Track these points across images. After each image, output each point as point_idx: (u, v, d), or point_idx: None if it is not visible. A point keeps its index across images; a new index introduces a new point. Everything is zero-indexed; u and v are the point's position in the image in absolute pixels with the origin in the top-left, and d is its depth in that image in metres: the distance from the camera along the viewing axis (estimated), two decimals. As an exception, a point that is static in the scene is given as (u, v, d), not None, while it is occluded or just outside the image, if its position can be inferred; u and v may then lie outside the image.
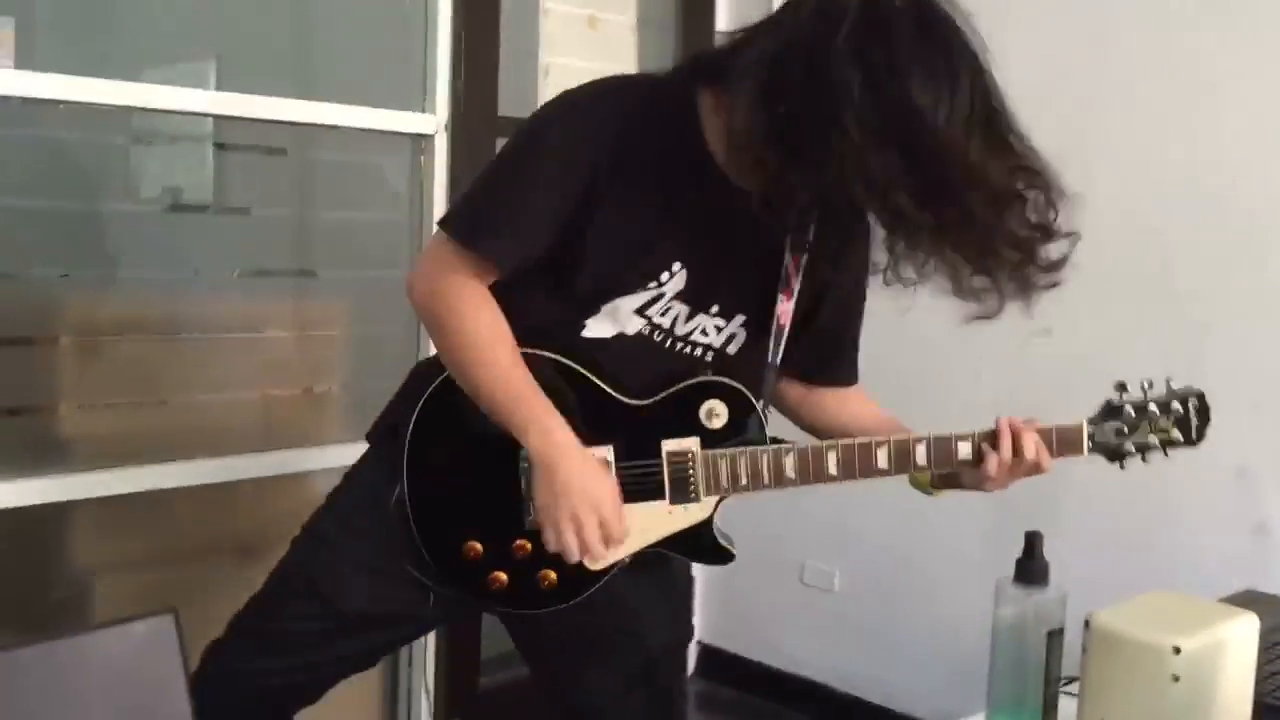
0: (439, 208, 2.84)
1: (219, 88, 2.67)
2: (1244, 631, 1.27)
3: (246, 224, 2.78)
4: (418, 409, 1.66)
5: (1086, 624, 1.28)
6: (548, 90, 3.11)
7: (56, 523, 2.46)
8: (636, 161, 1.56)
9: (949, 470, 1.71)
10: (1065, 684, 1.38)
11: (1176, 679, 1.20)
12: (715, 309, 1.68)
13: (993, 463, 1.65)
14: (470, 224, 1.63)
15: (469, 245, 1.61)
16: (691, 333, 1.68)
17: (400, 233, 2.88)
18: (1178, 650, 1.20)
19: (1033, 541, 1.41)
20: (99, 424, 2.53)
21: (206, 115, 2.68)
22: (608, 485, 1.61)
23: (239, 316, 2.75)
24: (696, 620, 3.64)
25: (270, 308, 2.81)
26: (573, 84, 1.65)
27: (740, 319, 1.70)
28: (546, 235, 1.58)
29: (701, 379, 1.68)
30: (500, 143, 2.96)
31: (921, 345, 3.14)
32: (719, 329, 1.70)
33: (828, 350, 1.83)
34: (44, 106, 2.40)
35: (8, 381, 2.44)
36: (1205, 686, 1.22)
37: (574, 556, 1.59)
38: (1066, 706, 1.35)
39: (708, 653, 3.66)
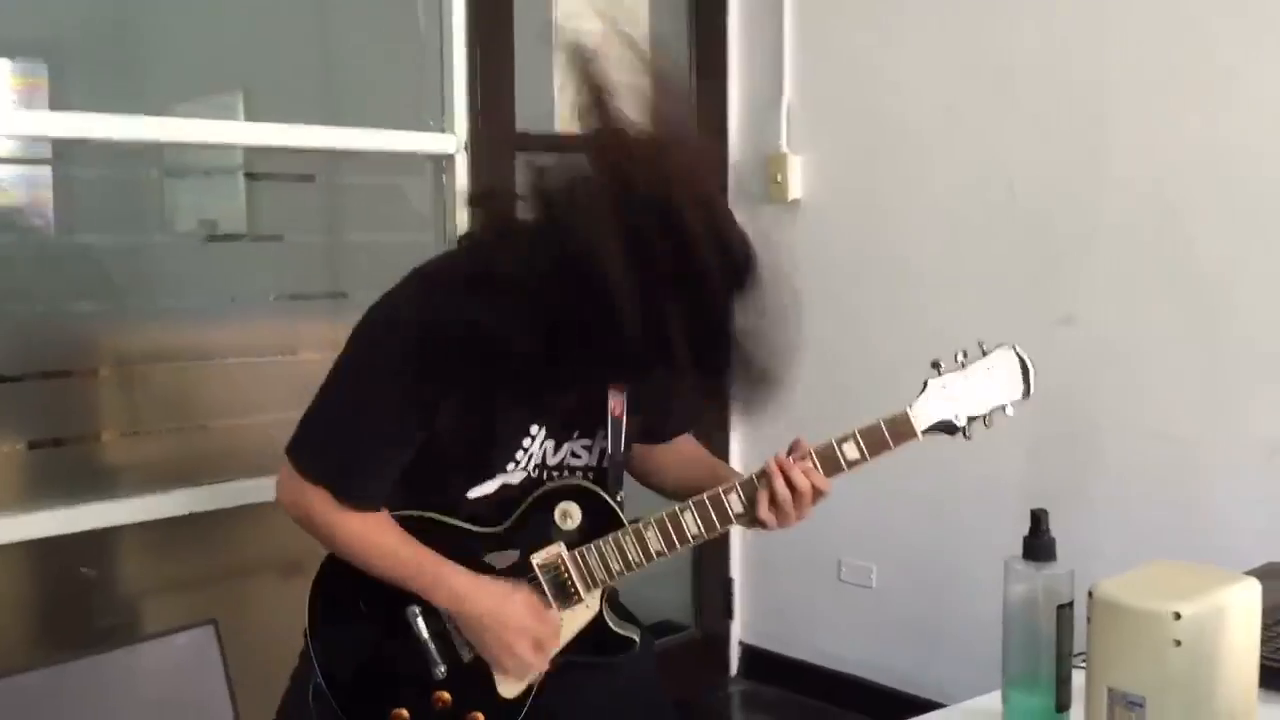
0: (461, 225, 2.89)
1: (247, 119, 2.75)
2: (1245, 596, 1.28)
3: (280, 250, 2.85)
4: (308, 601, 1.75)
5: (1090, 594, 1.30)
6: (564, 105, 3.16)
7: (103, 548, 2.53)
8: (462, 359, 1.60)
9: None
10: (1078, 657, 1.40)
11: (1178, 644, 1.22)
12: (576, 434, 1.75)
13: (764, 503, 1.70)
14: (332, 476, 1.67)
15: (337, 498, 1.66)
16: (563, 460, 1.75)
17: (426, 251, 2.90)
18: (1178, 616, 1.22)
19: (1038, 518, 1.43)
20: (141, 450, 2.61)
21: (236, 146, 2.75)
22: (517, 599, 1.67)
23: (275, 340, 2.82)
24: (736, 621, 3.69)
25: (305, 330, 2.87)
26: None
27: (601, 432, 1.77)
28: (402, 459, 1.66)
29: (543, 489, 1.73)
30: (520, 158, 3.02)
31: (946, 340, 3.16)
32: (587, 448, 1.77)
33: (668, 417, 1.91)
34: (79, 145, 2.48)
35: (53, 413, 2.51)
36: (1208, 651, 1.24)
37: (526, 676, 1.69)
38: (1080, 679, 1.37)
39: (750, 653, 3.69)
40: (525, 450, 1.70)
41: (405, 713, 1.72)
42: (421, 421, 1.63)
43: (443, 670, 1.70)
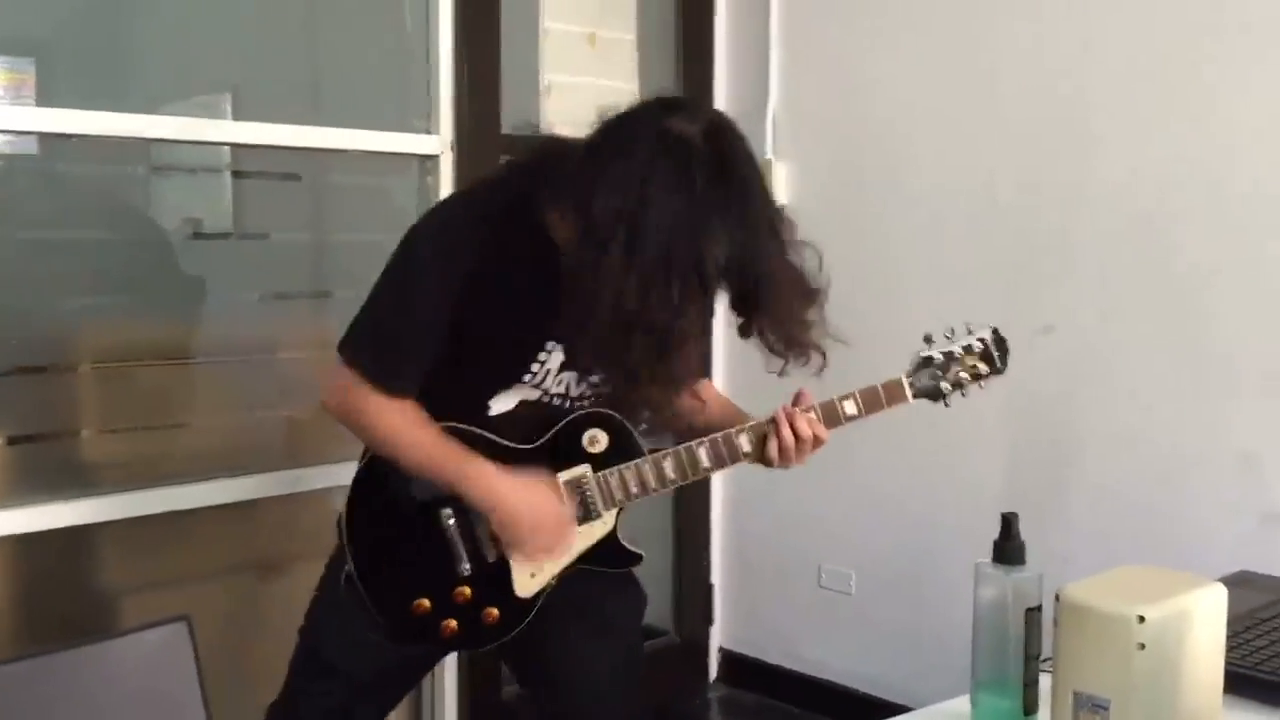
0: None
1: (234, 118, 2.75)
2: (1210, 601, 1.29)
3: (265, 248, 2.86)
4: (347, 497, 1.89)
5: (1057, 598, 1.31)
6: (550, 107, 3.16)
7: (83, 545, 2.52)
8: (496, 271, 1.79)
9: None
10: (1045, 661, 1.41)
11: (1143, 647, 1.23)
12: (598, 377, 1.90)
13: (772, 447, 1.89)
14: (374, 363, 1.84)
15: (377, 385, 1.82)
16: (584, 393, 1.91)
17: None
18: (1142, 619, 1.23)
19: (1009, 522, 1.44)
20: (121, 448, 2.60)
21: (223, 145, 2.76)
22: (539, 488, 1.84)
23: (259, 338, 2.82)
24: (716, 627, 3.70)
25: (288, 329, 2.88)
26: (575, 101, 1.84)
27: None
28: (435, 351, 1.81)
29: (577, 414, 1.90)
30: (504, 160, 3.03)
31: (928, 346, 3.18)
32: None
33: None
34: (66, 141, 2.48)
35: (33, 409, 2.51)
36: (1172, 654, 1.25)
37: (553, 555, 1.87)
38: (1047, 682, 1.38)
39: (729, 659, 3.69)
40: (541, 364, 1.84)
41: (427, 602, 1.86)
42: (450, 309, 1.79)
43: (467, 568, 1.85)
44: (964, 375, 2.00)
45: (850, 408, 1.94)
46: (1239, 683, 1.43)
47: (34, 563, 2.47)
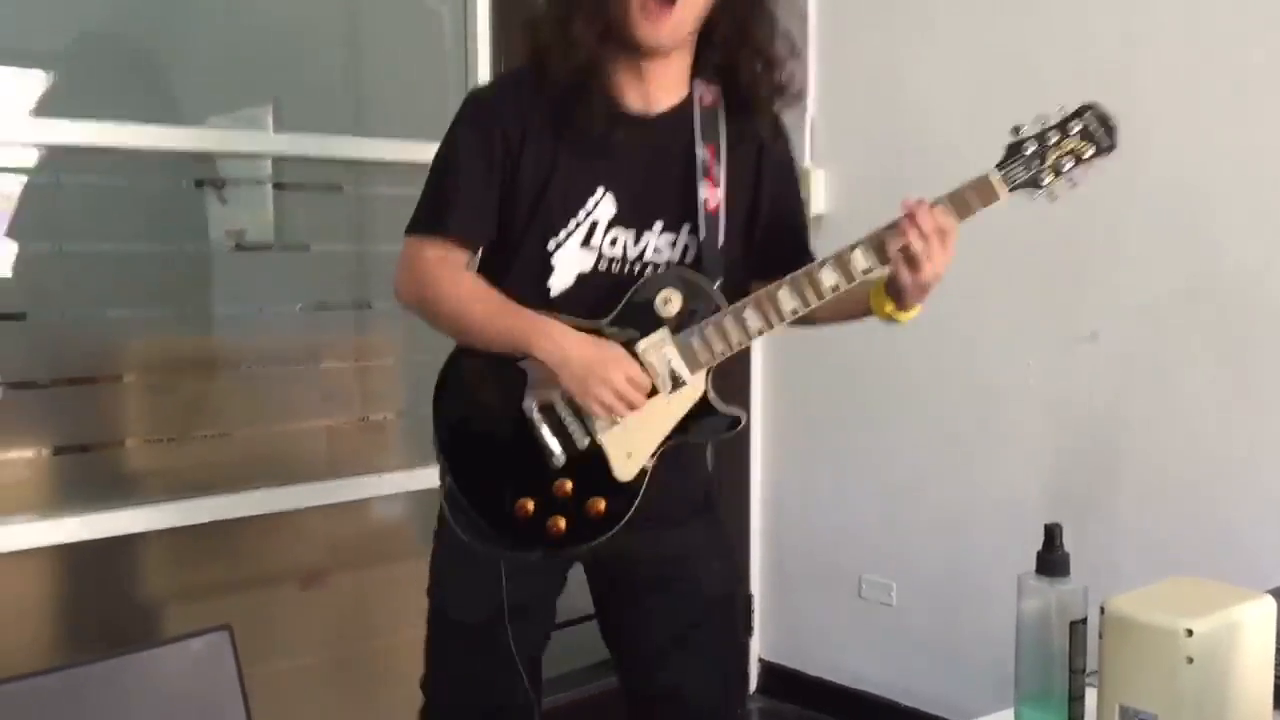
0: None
1: (276, 130, 2.77)
2: (1260, 613, 1.27)
3: (306, 259, 2.88)
4: (433, 411, 1.86)
5: (1102, 610, 1.29)
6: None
7: (128, 554, 2.55)
8: (537, 119, 1.80)
9: (889, 275, 1.82)
10: (1090, 675, 1.39)
11: (1190, 661, 1.21)
12: (659, 225, 1.85)
13: (913, 236, 1.79)
14: (427, 218, 1.86)
15: (432, 232, 1.83)
16: (644, 253, 1.85)
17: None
18: (1190, 633, 1.21)
19: (1052, 533, 1.42)
20: (165, 457, 2.63)
21: (265, 156, 2.78)
22: (608, 345, 1.78)
23: (300, 349, 2.85)
24: (756, 638, 3.68)
25: (330, 339, 2.90)
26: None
27: (687, 227, 1.86)
28: (492, 201, 1.81)
29: (646, 278, 1.84)
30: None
31: (970, 357, 3.16)
32: (671, 243, 1.87)
33: (784, 244, 1.97)
34: (109, 154, 2.51)
35: (79, 419, 2.54)
36: (1220, 668, 1.23)
37: (622, 411, 1.77)
38: (1093, 696, 1.36)
39: (769, 670, 3.68)
40: (588, 212, 1.81)
41: (530, 504, 1.81)
42: (502, 165, 1.80)
43: (561, 459, 1.80)
44: (1065, 160, 1.85)
45: (943, 214, 1.83)
46: (1287, 697, 1.41)
47: (78, 572, 2.49)
